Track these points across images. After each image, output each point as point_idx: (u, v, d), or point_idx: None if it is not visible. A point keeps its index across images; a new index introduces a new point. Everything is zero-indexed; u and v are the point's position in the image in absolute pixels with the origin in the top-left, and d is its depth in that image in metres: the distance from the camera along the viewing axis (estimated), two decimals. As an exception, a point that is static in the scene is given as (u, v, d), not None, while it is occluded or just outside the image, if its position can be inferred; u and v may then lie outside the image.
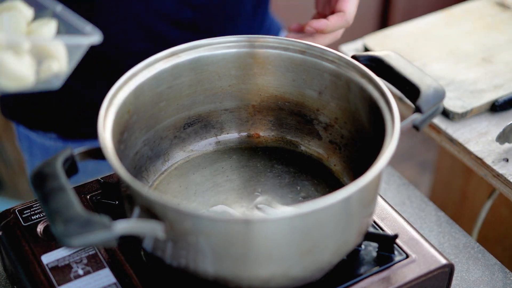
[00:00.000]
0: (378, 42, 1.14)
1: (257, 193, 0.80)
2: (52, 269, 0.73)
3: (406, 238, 0.76)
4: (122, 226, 0.61)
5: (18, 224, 0.78)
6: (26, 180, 1.77)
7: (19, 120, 1.15)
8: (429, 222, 0.93)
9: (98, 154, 0.69)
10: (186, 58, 0.80)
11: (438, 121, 1.02)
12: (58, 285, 0.72)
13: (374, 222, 0.78)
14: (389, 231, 0.77)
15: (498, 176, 0.94)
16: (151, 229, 0.64)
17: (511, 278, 0.84)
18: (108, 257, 0.74)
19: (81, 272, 0.73)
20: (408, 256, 0.74)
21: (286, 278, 0.68)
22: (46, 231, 0.77)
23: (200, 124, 0.85)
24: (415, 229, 0.78)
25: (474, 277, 0.85)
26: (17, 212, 0.79)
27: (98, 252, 0.75)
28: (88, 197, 0.81)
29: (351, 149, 0.81)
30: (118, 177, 0.66)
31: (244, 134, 0.87)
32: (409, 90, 0.75)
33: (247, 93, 0.85)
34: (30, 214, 0.79)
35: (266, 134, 0.87)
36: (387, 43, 1.15)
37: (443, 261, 0.74)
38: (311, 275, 0.70)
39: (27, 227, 0.77)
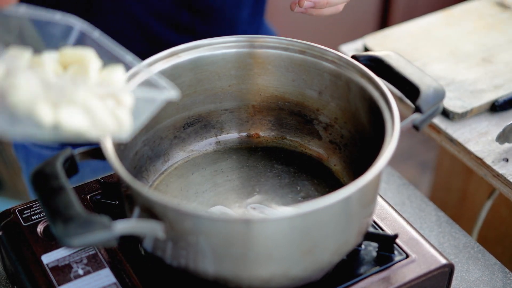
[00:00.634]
0: (378, 42, 1.14)
1: (255, 193, 0.80)
2: (52, 269, 0.73)
3: (406, 238, 0.76)
4: (122, 226, 0.61)
5: (18, 224, 0.78)
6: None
7: None
8: (429, 222, 0.93)
9: (98, 154, 0.69)
10: (186, 58, 0.80)
11: (438, 121, 1.02)
12: (58, 285, 0.71)
13: (374, 222, 0.78)
14: (389, 231, 0.77)
15: (498, 176, 0.94)
16: (151, 229, 0.64)
17: (511, 278, 0.84)
18: (108, 257, 0.74)
19: (81, 272, 0.73)
20: (408, 256, 0.74)
21: (286, 278, 0.68)
22: (46, 231, 0.77)
23: (200, 124, 0.85)
24: (415, 229, 0.78)
25: (474, 277, 0.84)
26: (17, 212, 0.79)
27: (98, 252, 0.75)
28: (88, 197, 0.81)
29: (351, 149, 0.81)
30: (118, 177, 0.66)
31: (244, 134, 0.87)
32: (409, 90, 0.75)
33: (247, 93, 0.85)
34: (30, 214, 0.79)
35: (266, 134, 0.87)
36: (387, 43, 1.15)
37: (443, 261, 0.74)
38: (311, 275, 0.70)
39: (27, 227, 0.77)
